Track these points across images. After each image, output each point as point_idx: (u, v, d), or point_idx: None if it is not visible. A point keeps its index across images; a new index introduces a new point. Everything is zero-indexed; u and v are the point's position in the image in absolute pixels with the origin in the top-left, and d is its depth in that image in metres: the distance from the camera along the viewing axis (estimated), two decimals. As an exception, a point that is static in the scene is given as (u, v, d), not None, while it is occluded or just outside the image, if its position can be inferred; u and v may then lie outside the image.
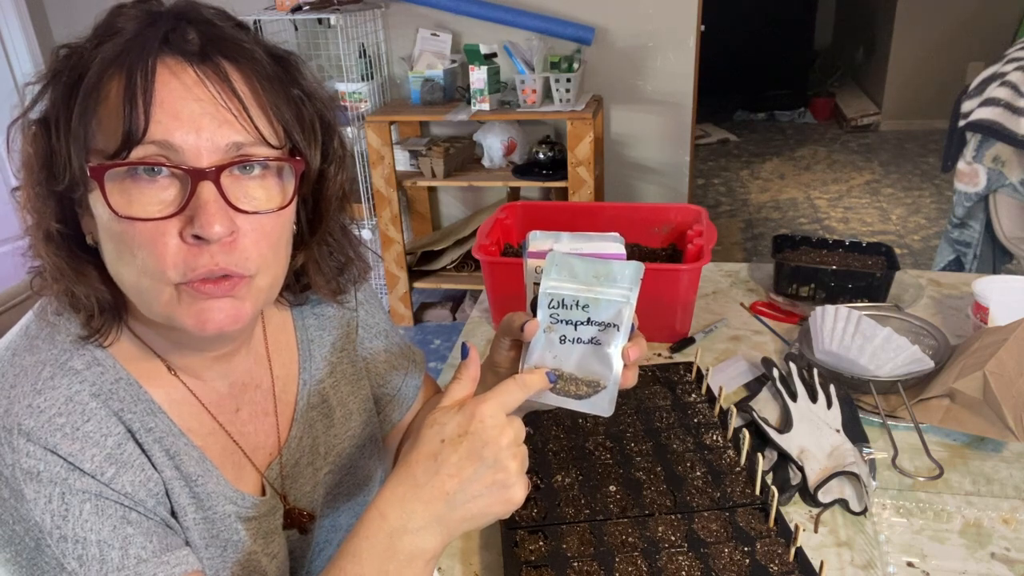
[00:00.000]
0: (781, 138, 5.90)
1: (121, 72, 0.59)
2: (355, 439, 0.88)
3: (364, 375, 0.91)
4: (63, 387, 0.64)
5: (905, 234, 4.08)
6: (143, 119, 0.58)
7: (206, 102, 0.60)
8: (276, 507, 0.79)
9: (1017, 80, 2.02)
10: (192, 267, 0.61)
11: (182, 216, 0.60)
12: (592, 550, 0.82)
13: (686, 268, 1.27)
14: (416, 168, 3.18)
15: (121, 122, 0.58)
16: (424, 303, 3.48)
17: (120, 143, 0.58)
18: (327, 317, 0.87)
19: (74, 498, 0.61)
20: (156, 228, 0.60)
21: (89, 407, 0.64)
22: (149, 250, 0.60)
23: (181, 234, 0.60)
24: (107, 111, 0.59)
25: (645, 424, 1.02)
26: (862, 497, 0.91)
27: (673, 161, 3.30)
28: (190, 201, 0.59)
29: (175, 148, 0.59)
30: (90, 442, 0.63)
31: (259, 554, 0.76)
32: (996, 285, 1.22)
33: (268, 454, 0.80)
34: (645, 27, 3.08)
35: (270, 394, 0.81)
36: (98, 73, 0.59)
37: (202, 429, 0.73)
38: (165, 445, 0.69)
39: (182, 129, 0.59)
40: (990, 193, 2.15)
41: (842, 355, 1.15)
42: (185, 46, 0.60)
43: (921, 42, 5.49)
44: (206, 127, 0.60)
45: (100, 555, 0.61)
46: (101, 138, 0.59)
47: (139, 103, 0.58)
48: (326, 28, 3.10)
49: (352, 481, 0.88)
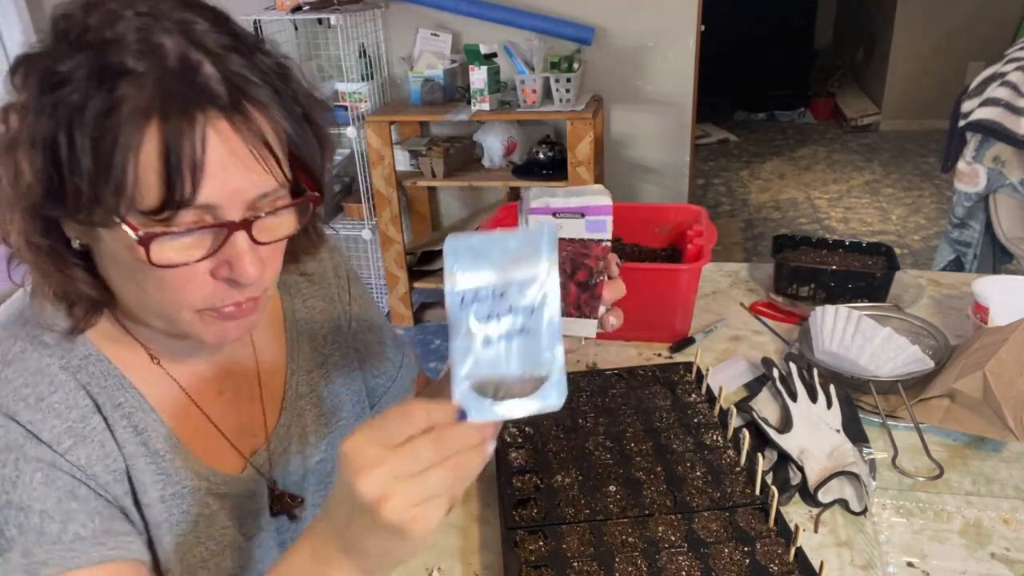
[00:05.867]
0: (781, 138, 5.90)
1: (157, 124, 0.56)
2: (347, 429, 0.90)
3: (357, 367, 0.92)
4: (33, 360, 0.66)
5: (905, 234, 4.08)
6: (191, 188, 0.57)
7: (240, 155, 0.59)
8: (256, 490, 0.80)
9: (1017, 80, 2.02)
10: (221, 300, 0.64)
11: (213, 258, 0.62)
12: (592, 550, 0.82)
13: (686, 268, 1.27)
14: (416, 168, 3.18)
15: (161, 180, 0.56)
16: (424, 303, 3.47)
17: (161, 203, 0.57)
18: (318, 310, 0.89)
19: (27, 465, 0.63)
20: (188, 270, 0.61)
21: (58, 379, 0.66)
22: (177, 287, 0.62)
23: (212, 273, 0.63)
24: (143, 164, 0.56)
25: (645, 424, 1.02)
26: (862, 497, 0.91)
27: (673, 161, 3.30)
28: (223, 247, 0.61)
29: (215, 207, 0.59)
30: (52, 413, 0.65)
31: (233, 530, 0.77)
32: (996, 285, 1.22)
33: (253, 437, 0.82)
34: (645, 27, 3.08)
35: (255, 380, 0.83)
36: (133, 122, 0.55)
37: (176, 410, 0.75)
38: (134, 420, 0.70)
39: (223, 191, 0.59)
40: (990, 193, 2.15)
41: (842, 355, 1.15)
42: (212, 92, 0.57)
43: (921, 42, 5.49)
44: (242, 183, 0.60)
45: (40, 525, 0.62)
46: (135, 191, 0.57)
47: (187, 172, 0.56)
48: (326, 28, 3.10)
49: None
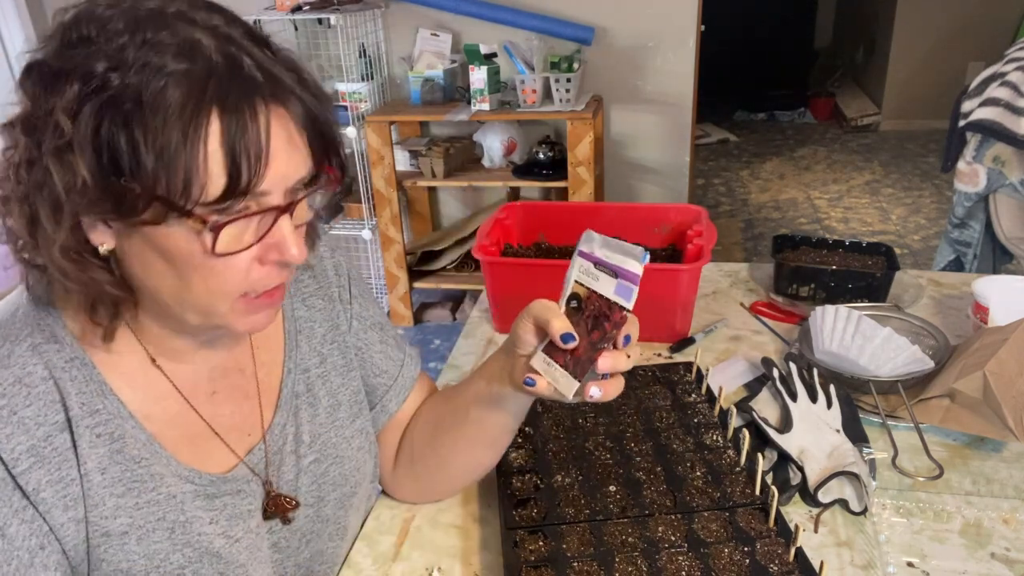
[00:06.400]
0: (781, 138, 5.90)
1: (218, 115, 0.59)
2: (343, 430, 0.89)
3: (356, 367, 0.92)
4: (16, 367, 0.67)
5: (905, 234, 4.08)
6: (255, 176, 0.61)
7: (282, 141, 0.63)
8: (247, 491, 0.80)
9: (1017, 80, 2.02)
10: (263, 285, 0.68)
11: (261, 244, 0.65)
12: (592, 550, 0.82)
13: (686, 268, 1.27)
14: (416, 168, 3.18)
15: (224, 170, 0.59)
16: (424, 303, 3.48)
17: (224, 193, 0.60)
18: (318, 309, 0.89)
19: None
20: (239, 257, 0.65)
21: (36, 390, 0.67)
22: (225, 276, 0.65)
23: (259, 259, 0.66)
24: (208, 156, 0.59)
25: (645, 424, 1.02)
26: (862, 497, 0.91)
27: (673, 161, 3.30)
28: (270, 231, 0.65)
29: (264, 193, 0.63)
30: (21, 428, 0.66)
31: (213, 536, 0.76)
32: (996, 285, 1.22)
33: (248, 436, 0.82)
34: (645, 27, 3.08)
35: (252, 378, 0.83)
36: (193, 115, 0.58)
37: (163, 413, 0.75)
38: (110, 428, 0.71)
39: (274, 177, 0.63)
40: (990, 193, 2.15)
41: (842, 355, 1.15)
42: (258, 82, 0.61)
43: (921, 42, 5.49)
44: (285, 169, 0.64)
45: None
46: (203, 183, 0.59)
47: (253, 161, 0.60)
48: (326, 28, 3.10)
49: (339, 471, 0.89)
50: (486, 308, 1.44)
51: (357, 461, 0.90)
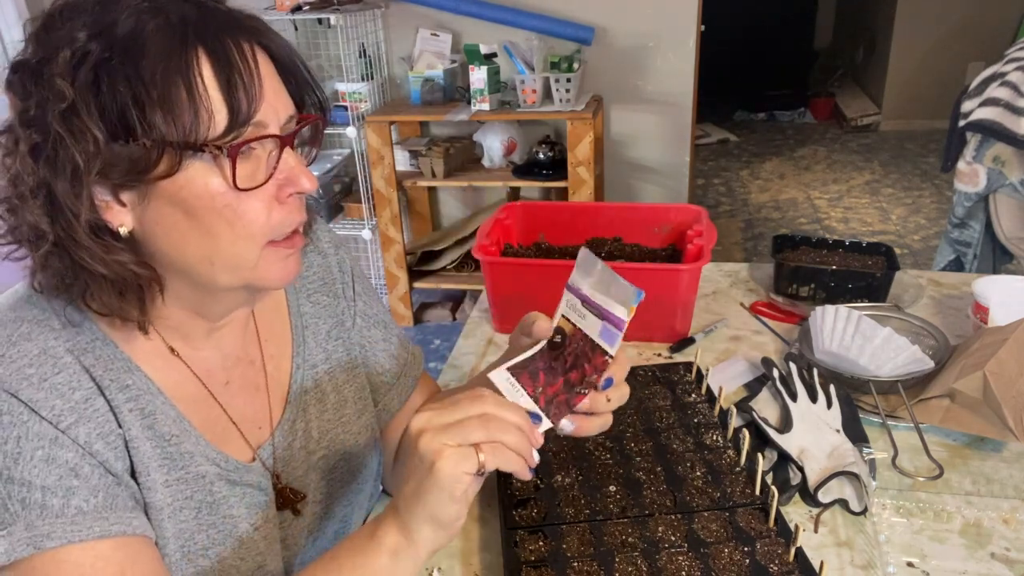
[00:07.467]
0: (781, 138, 5.90)
1: (203, 50, 0.62)
2: (350, 426, 0.89)
3: (360, 364, 0.92)
4: (39, 341, 0.66)
5: (905, 234, 4.08)
6: (249, 103, 0.63)
7: (271, 78, 0.67)
8: (263, 483, 0.80)
9: (1017, 80, 2.02)
10: (287, 224, 0.69)
11: (274, 180, 0.67)
12: (592, 550, 0.82)
13: (686, 268, 1.27)
14: (416, 168, 3.19)
15: (223, 100, 0.62)
16: (424, 303, 3.48)
17: (228, 124, 0.63)
18: (323, 306, 0.89)
19: (29, 443, 0.63)
20: (260, 193, 0.66)
21: (62, 360, 0.66)
22: (249, 218, 0.66)
23: (277, 196, 0.68)
24: (206, 87, 0.62)
25: (645, 424, 1.02)
26: (862, 497, 0.91)
27: (673, 161, 3.30)
28: (278, 165, 0.67)
29: (263, 124, 0.65)
30: (55, 392, 0.65)
31: (239, 519, 0.76)
32: (996, 285, 1.22)
33: (259, 429, 0.82)
34: (645, 27, 3.08)
35: (262, 370, 0.83)
36: (180, 51, 0.61)
37: (186, 395, 0.75)
38: (140, 403, 0.70)
39: (268, 108, 0.65)
40: (990, 193, 2.15)
41: (842, 355, 1.15)
42: (237, 20, 0.66)
43: (921, 42, 5.49)
44: (275, 102, 0.66)
45: (42, 500, 0.63)
46: (206, 115, 0.62)
47: (248, 88, 0.63)
48: (326, 28, 3.10)
49: (346, 467, 0.89)
50: (486, 308, 1.44)
51: (363, 457, 0.91)
